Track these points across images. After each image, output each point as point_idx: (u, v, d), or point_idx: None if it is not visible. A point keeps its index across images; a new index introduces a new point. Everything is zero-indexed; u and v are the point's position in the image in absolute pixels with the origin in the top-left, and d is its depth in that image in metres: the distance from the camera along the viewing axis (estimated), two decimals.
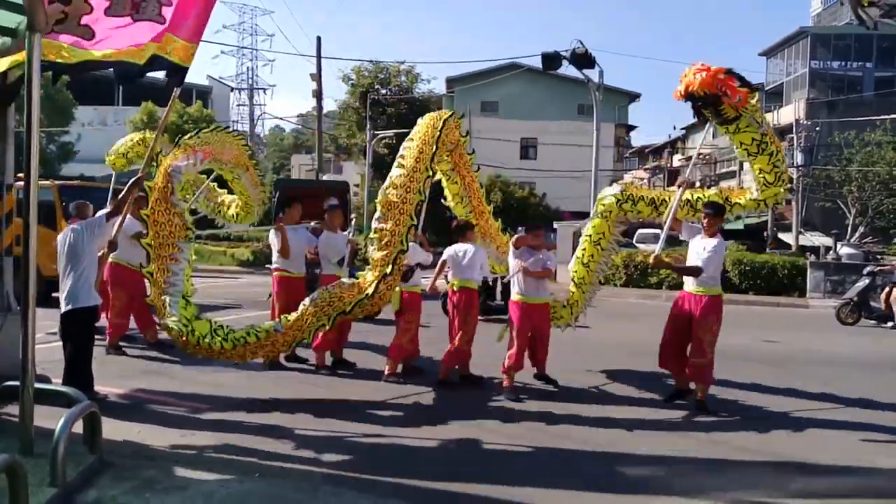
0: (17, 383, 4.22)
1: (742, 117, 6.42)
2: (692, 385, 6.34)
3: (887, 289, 12.43)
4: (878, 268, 13.66)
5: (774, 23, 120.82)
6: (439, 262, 7.29)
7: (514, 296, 6.76)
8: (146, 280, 7.00)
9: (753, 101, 6.46)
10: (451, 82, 40.98)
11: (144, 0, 5.01)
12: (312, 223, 7.92)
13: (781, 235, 34.15)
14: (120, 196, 6.21)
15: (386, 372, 7.08)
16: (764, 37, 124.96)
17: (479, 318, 7.42)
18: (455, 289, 7.01)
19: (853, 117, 32.98)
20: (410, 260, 7.03)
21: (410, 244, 7.21)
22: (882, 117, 31.57)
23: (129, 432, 5.07)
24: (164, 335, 9.35)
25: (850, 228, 31.53)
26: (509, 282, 6.98)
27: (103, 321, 8.17)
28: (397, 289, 6.92)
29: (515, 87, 38.32)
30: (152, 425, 5.34)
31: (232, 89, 60.42)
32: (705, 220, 6.35)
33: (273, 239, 7.61)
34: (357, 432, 5.33)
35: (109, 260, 7.25)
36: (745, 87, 6.22)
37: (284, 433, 5.26)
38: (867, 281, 12.99)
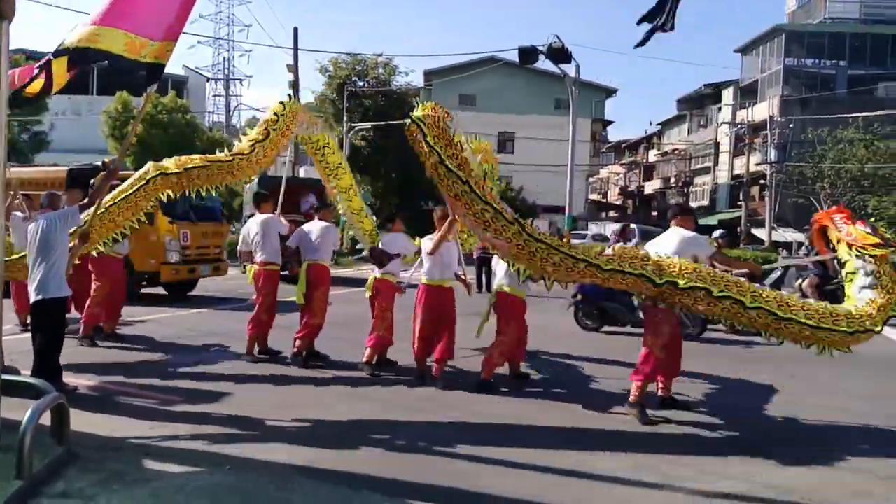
0: None
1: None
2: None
3: (800, 280, 12.66)
4: (794, 263, 14.07)
5: (750, 20, 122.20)
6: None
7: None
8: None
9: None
10: (429, 75, 40.87)
11: None
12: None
13: (755, 231, 34.69)
14: (95, 187, 6.15)
15: (364, 359, 7.13)
16: (740, 34, 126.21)
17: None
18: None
19: (826, 114, 33.52)
20: (391, 248, 7.12)
21: (393, 234, 7.33)
22: (854, 115, 32.13)
23: (97, 424, 5.01)
24: (124, 329, 9.30)
25: None
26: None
27: (74, 313, 8.08)
28: (371, 275, 7.32)
29: (493, 81, 38.35)
30: (122, 417, 5.30)
31: (208, 79, 59.66)
32: None
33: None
34: (330, 424, 5.33)
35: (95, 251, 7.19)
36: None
37: (256, 425, 5.24)
38: (779, 273, 13.36)
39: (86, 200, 5.98)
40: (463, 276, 7.47)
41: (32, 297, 5.62)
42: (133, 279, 11.11)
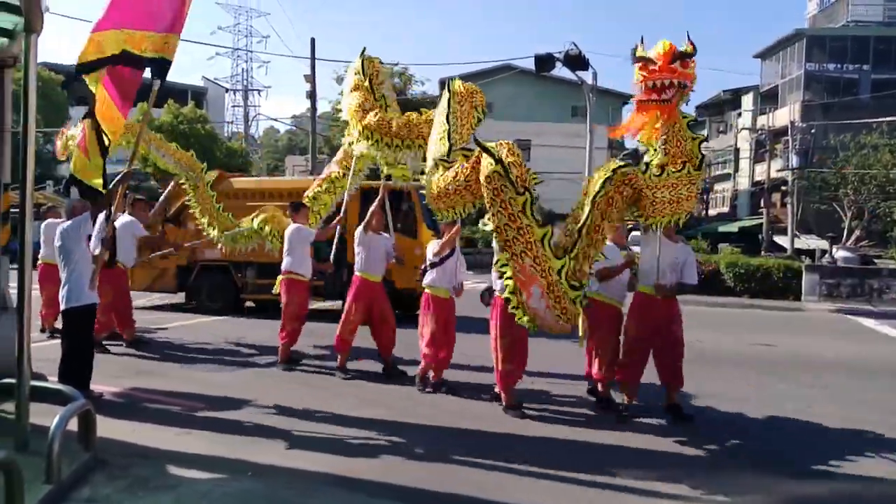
0: (13, 381, 4.25)
1: None
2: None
3: None
4: None
5: (769, 24, 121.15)
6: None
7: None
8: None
9: None
10: (445, 84, 40.96)
11: None
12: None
13: (776, 238, 34.26)
14: (106, 192, 6.22)
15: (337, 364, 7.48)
16: (759, 38, 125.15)
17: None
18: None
19: (849, 120, 33.07)
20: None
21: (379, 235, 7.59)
22: (878, 120, 31.68)
23: (123, 431, 5.10)
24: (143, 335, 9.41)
25: (845, 231, 31.59)
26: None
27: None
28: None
29: (509, 89, 38.35)
30: (146, 424, 5.38)
31: (227, 90, 60.40)
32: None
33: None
34: (351, 432, 5.36)
35: None
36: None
37: (278, 433, 5.29)
38: None
39: (96, 207, 5.99)
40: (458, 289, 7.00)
41: (62, 306, 5.75)
42: (394, 296, 8.91)
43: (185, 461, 4.51)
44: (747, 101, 45.78)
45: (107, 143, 5.31)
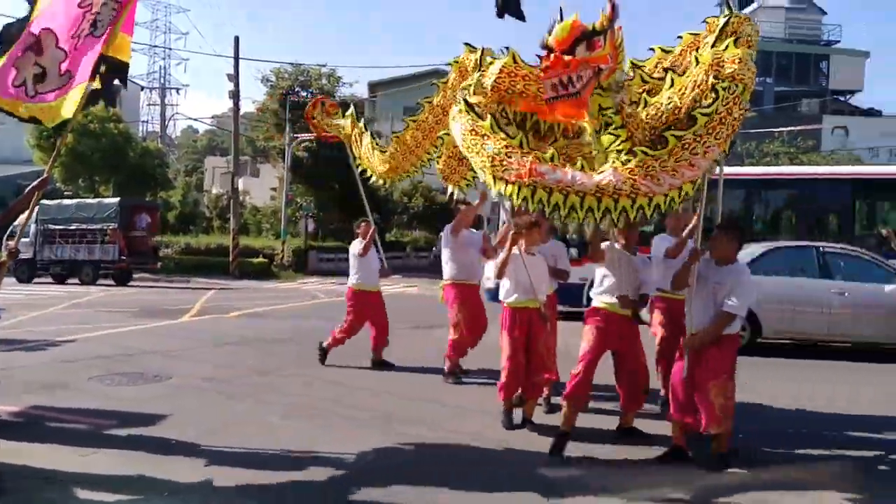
0: None
1: None
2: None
3: None
4: None
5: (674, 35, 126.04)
6: None
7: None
8: None
9: None
10: (374, 87, 40.74)
11: (100, 12, 4.87)
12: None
13: None
14: (20, 198, 5.82)
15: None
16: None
17: None
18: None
19: (753, 129, 34.97)
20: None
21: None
22: (780, 129, 33.72)
23: (24, 453, 4.76)
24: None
25: None
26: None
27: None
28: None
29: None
30: (50, 444, 5.04)
31: (143, 88, 58.07)
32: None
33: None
34: (274, 444, 5.18)
35: None
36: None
37: (195, 449, 5.04)
38: None
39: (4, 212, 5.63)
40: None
41: None
42: None
43: (94, 483, 4.26)
44: None
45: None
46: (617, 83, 4.38)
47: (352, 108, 6.69)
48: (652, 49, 5.05)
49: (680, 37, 4.94)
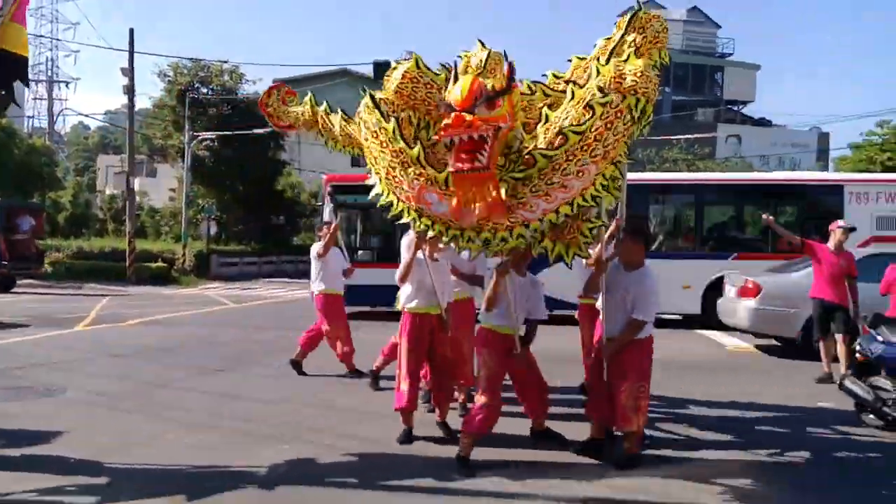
0: None
1: None
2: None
3: None
4: None
5: (581, 48, 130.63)
6: None
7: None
8: None
9: None
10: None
11: None
12: None
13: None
14: None
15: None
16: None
17: None
18: None
19: (653, 136, 36.83)
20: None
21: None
22: (678, 137, 35.67)
23: None
24: None
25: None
26: None
27: None
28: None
29: (346, 94, 37.87)
30: None
31: (28, 81, 54.31)
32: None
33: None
34: (177, 460, 4.82)
35: None
36: None
37: (93, 468, 4.62)
38: None
39: None
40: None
41: None
42: None
43: None
44: None
45: None
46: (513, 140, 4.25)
47: (310, 94, 5.96)
48: (569, 60, 5.03)
49: (596, 44, 4.96)
